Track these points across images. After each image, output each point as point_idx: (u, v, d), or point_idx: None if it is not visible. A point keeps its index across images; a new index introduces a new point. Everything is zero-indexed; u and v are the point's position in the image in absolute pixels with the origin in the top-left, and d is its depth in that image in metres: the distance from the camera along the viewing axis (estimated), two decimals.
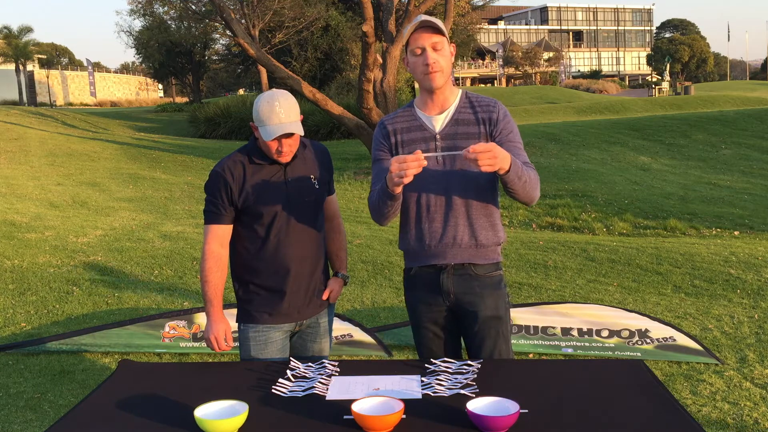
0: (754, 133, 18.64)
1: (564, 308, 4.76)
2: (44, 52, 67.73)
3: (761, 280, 6.43)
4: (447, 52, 2.47)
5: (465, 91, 2.57)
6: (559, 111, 30.37)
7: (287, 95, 2.48)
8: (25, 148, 16.40)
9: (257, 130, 2.51)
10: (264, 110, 2.44)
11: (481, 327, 2.51)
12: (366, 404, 1.91)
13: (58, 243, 7.75)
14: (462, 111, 2.51)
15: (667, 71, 55.18)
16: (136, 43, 38.34)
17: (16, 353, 4.79)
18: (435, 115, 2.52)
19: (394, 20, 14.28)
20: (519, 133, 2.53)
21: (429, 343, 2.59)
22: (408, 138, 2.52)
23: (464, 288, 2.51)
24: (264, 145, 2.52)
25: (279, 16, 27.96)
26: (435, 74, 2.43)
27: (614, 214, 10.22)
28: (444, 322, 2.57)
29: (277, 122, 2.43)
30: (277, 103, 2.43)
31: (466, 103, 2.53)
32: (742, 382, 4.18)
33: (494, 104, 2.52)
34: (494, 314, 2.51)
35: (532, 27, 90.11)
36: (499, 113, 2.49)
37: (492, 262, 2.54)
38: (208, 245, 2.57)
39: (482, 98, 2.55)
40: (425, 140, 2.50)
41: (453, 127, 2.49)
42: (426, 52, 2.42)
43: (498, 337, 2.52)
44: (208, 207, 2.56)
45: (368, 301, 5.95)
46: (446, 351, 2.60)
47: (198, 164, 15.97)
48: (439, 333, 2.58)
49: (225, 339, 2.60)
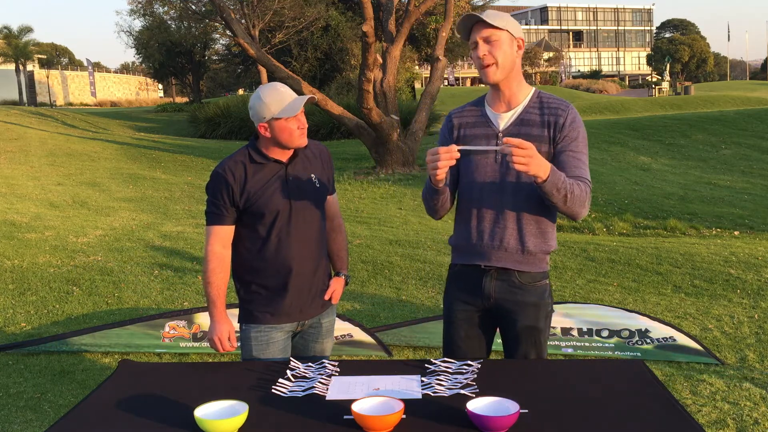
0: (754, 133, 18.64)
1: (564, 308, 4.76)
2: (44, 52, 67.72)
3: (761, 280, 6.42)
4: (506, 45, 2.35)
5: (538, 91, 2.47)
6: None
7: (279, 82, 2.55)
8: (25, 148, 16.40)
9: (268, 129, 2.49)
10: (273, 96, 2.45)
11: (518, 334, 2.46)
12: (366, 404, 1.91)
13: (58, 243, 7.75)
14: (530, 111, 2.42)
15: (667, 71, 55.17)
16: (136, 43, 38.33)
17: (16, 353, 4.79)
18: (502, 112, 2.44)
19: (394, 20, 14.28)
20: (586, 143, 2.42)
21: (459, 341, 2.53)
22: (471, 133, 2.47)
23: (506, 294, 2.45)
24: (284, 134, 2.48)
25: (279, 16, 27.96)
26: (488, 68, 2.35)
27: (614, 214, 10.22)
28: (479, 322, 2.52)
29: (291, 99, 2.46)
30: (278, 85, 2.48)
31: (535, 103, 2.43)
32: (742, 382, 4.18)
33: (564, 108, 2.40)
34: (533, 324, 2.44)
35: (532, 27, 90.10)
36: (567, 118, 2.38)
37: (538, 271, 2.45)
38: (210, 246, 2.56)
39: (554, 100, 2.43)
40: (488, 137, 2.44)
41: (517, 126, 2.40)
42: (478, 46, 2.35)
43: (532, 345, 2.46)
44: (210, 208, 2.56)
45: (368, 301, 5.95)
46: (473, 351, 2.53)
47: (198, 164, 15.97)
48: (471, 333, 2.52)
49: (229, 339, 2.59)
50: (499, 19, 2.34)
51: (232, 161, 2.54)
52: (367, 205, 11.17)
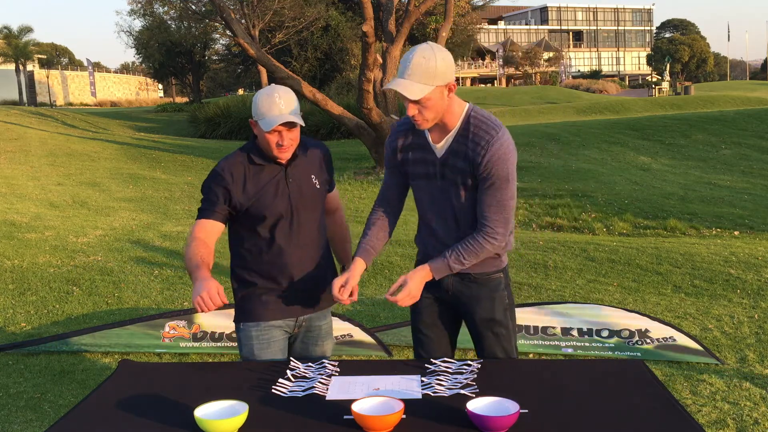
0: (754, 133, 18.64)
1: (564, 308, 4.76)
2: (44, 52, 67.72)
3: (761, 280, 6.42)
4: (436, 100, 2.29)
5: (469, 113, 2.37)
6: (559, 111, 30.37)
7: (286, 89, 2.46)
8: (25, 148, 16.40)
9: (256, 126, 2.49)
10: (264, 102, 2.43)
11: (479, 328, 2.55)
12: (366, 404, 1.91)
13: (58, 243, 7.75)
14: (459, 140, 2.37)
15: (667, 71, 55.16)
16: (136, 43, 38.36)
17: (16, 353, 4.79)
18: (436, 140, 2.43)
19: (394, 20, 14.28)
20: (507, 175, 2.33)
21: (424, 328, 2.63)
22: (414, 157, 2.48)
23: (461, 287, 2.54)
24: (264, 142, 2.48)
25: (279, 16, 27.97)
26: (420, 124, 2.34)
27: (614, 214, 10.22)
28: (441, 311, 2.62)
29: (277, 113, 2.42)
30: (276, 94, 2.43)
31: (465, 130, 2.36)
32: (742, 382, 4.18)
33: (486, 143, 2.32)
34: (490, 316, 2.53)
35: (532, 27, 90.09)
36: (485, 156, 2.30)
37: (492, 269, 2.53)
38: (193, 234, 2.49)
39: (480, 128, 2.34)
40: (427, 163, 2.45)
41: (449, 156, 2.40)
42: (408, 104, 2.31)
43: (495, 338, 2.54)
44: (202, 204, 2.53)
45: (368, 301, 5.95)
46: (438, 339, 2.63)
47: (198, 164, 15.97)
48: (435, 321, 2.62)
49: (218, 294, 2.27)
50: (427, 79, 2.23)
51: (232, 161, 2.52)
52: (367, 205, 11.17)
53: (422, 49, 2.25)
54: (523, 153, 15.44)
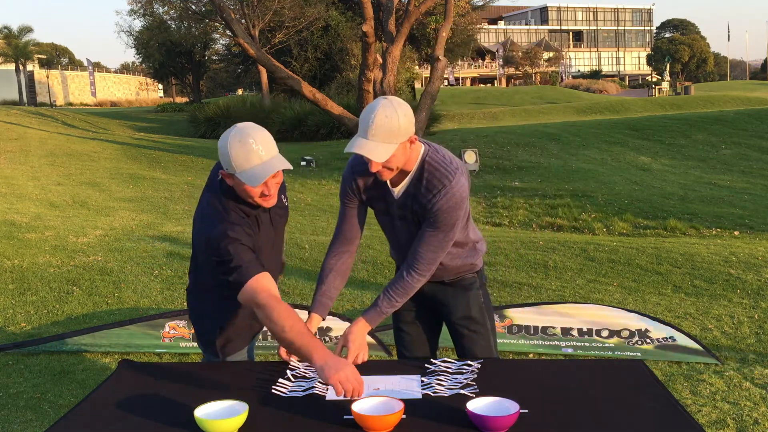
0: (754, 133, 18.64)
1: (564, 308, 4.76)
2: (44, 52, 67.70)
3: (761, 280, 6.42)
4: (398, 156, 2.25)
5: (424, 159, 2.34)
6: (559, 111, 30.37)
7: (258, 128, 2.17)
8: (25, 148, 16.40)
9: (231, 178, 2.20)
10: (239, 153, 2.12)
11: (457, 327, 2.60)
12: (366, 404, 1.91)
13: (58, 243, 7.75)
14: (414, 183, 2.35)
15: (667, 71, 55.17)
16: (136, 43, 38.35)
17: (16, 353, 4.79)
18: (394, 184, 2.41)
19: (394, 20, 14.28)
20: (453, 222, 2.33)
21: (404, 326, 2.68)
22: (373, 195, 2.46)
23: (435, 289, 2.60)
24: (244, 193, 2.22)
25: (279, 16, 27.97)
26: (382, 175, 2.30)
27: (614, 214, 10.22)
28: (420, 310, 2.67)
29: (259, 162, 2.14)
30: (251, 140, 2.12)
31: (419, 175, 2.34)
32: (742, 382, 4.18)
33: (437, 192, 2.31)
34: (466, 314, 2.58)
35: (532, 27, 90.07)
36: (434, 206, 2.31)
37: (464, 271, 2.59)
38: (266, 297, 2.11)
39: (433, 177, 2.32)
40: (387, 203, 2.45)
41: (406, 199, 2.40)
42: (371, 163, 2.25)
43: (474, 336, 2.58)
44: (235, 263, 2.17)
45: (368, 301, 5.95)
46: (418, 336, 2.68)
47: (198, 164, 15.97)
48: (415, 318, 2.67)
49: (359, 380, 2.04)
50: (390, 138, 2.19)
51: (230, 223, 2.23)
52: None
53: (383, 106, 2.19)
54: (523, 153, 15.44)
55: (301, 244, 8.02)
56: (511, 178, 12.92)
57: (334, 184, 13.48)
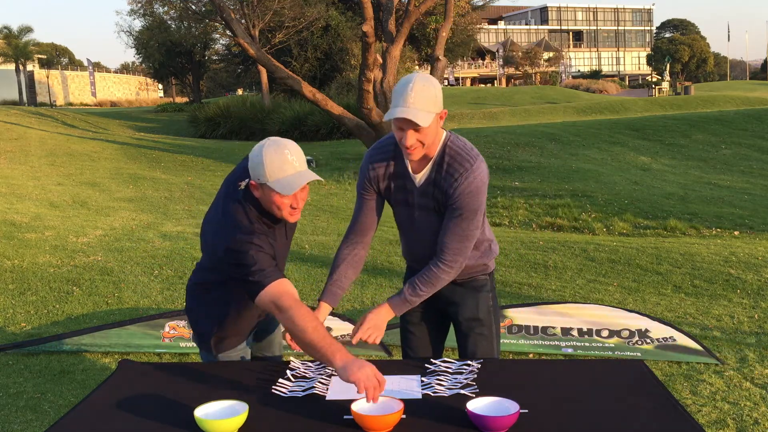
0: (754, 133, 18.65)
1: (564, 308, 4.76)
2: (44, 52, 67.71)
3: (761, 280, 6.42)
4: (433, 127, 2.28)
5: (446, 144, 2.37)
6: (559, 111, 30.37)
7: (291, 141, 2.22)
8: (25, 148, 16.40)
9: (257, 189, 2.21)
10: (274, 161, 2.14)
11: (462, 327, 2.60)
12: (366, 404, 1.91)
13: (58, 243, 7.75)
14: (436, 169, 2.37)
15: (667, 71, 55.16)
16: (136, 43, 38.36)
17: (16, 353, 4.79)
18: (416, 170, 2.42)
19: (394, 20, 14.28)
20: (476, 207, 2.33)
21: (411, 327, 2.68)
22: (394, 185, 2.47)
23: (445, 289, 2.59)
24: (272, 206, 2.22)
25: (279, 16, 27.97)
26: (413, 152, 2.30)
27: (614, 214, 10.22)
28: (429, 310, 2.66)
29: (293, 172, 2.15)
30: (287, 151, 2.16)
31: (441, 159, 2.36)
32: (742, 382, 4.18)
33: (458, 176, 2.32)
34: (473, 316, 2.58)
35: (532, 27, 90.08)
36: (456, 189, 2.32)
37: (476, 272, 2.59)
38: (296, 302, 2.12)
39: (454, 161, 2.34)
40: (406, 191, 2.45)
41: (428, 186, 2.40)
42: (406, 134, 2.26)
43: (478, 338, 2.58)
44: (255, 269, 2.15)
45: (368, 301, 5.95)
46: (425, 337, 2.68)
47: (198, 164, 15.97)
48: (423, 319, 2.67)
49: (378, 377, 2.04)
50: (429, 106, 2.23)
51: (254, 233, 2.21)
52: None
53: (419, 77, 2.25)
54: (523, 153, 15.44)
55: (301, 244, 8.03)
56: (511, 178, 12.93)
57: (333, 184, 13.47)
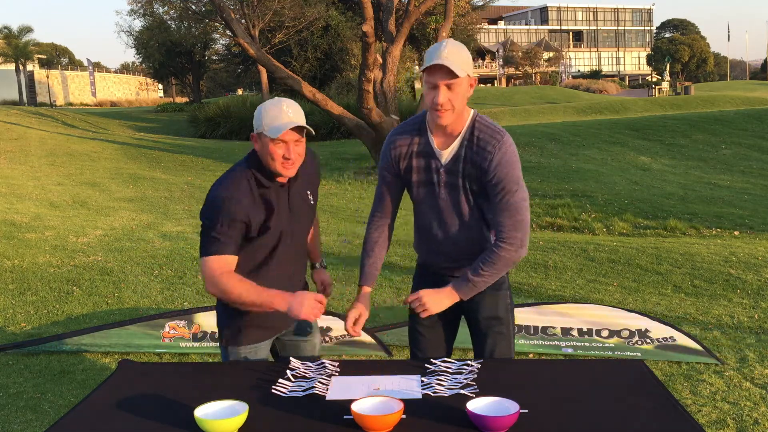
0: (754, 133, 18.64)
1: (564, 308, 4.76)
2: (44, 52, 67.71)
3: (761, 280, 6.42)
4: (463, 89, 2.31)
5: (474, 120, 2.40)
6: (559, 111, 30.37)
7: (293, 101, 2.36)
8: (25, 148, 16.41)
9: (259, 140, 2.34)
10: (269, 111, 2.30)
11: (481, 326, 2.56)
12: (366, 404, 1.91)
13: (58, 243, 7.75)
14: (465, 145, 2.38)
15: (667, 71, 55.17)
16: (136, 43, 38.37)
17: (16, 353, 4.79)
18: (442, 146, 2.42)
19: (394, 20, 14.28)
20: (515, 177, 2.34)
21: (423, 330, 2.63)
22: (416, 164, 2.46)
23: None
24: (267, 157, 2.31)
25: (279, 16, 27.98)
26: (443, 113, 2.31)
27: (614, 214, 10.22)
28: (442, 313, 2.60)
29: (287, 120, 2.29)
30: (284, 104, 2.31)
31: (470, 136, 2.38)
32: (742, 382, 4.18)
33: (492, 147, 2.34)
34: (493, 315, 2.55)
35: (532, 27, 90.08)
36: (492, 161, 2.33)
37: None
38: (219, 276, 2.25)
39: (485, 134, 2.37)
40: (430, 170, 2.44)
41: (456, 163, 2.40)
42: (438, 90, 2.28)
43: (497, 337, 2.55)
44: (212, 234, 2.27)
45: None
46: (436, 341, 2.63)
47: (198, 164, 15.97)
48: (435, 323, 2.62)
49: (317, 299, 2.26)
50: (462, 64, 2.27)
51: (235, 186, 2.31)
52: (367, 205, 11.16)
53: (451, 41, 2.31)
54: (523, 153, 15.44)
55: None
56: None
57: (334, 183, 13.47)
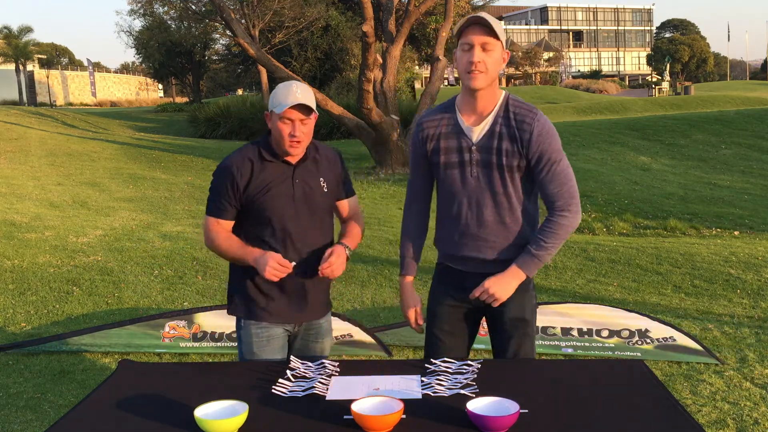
0: (754, 133, 18.64)
1: (564, 308, 4.76)
2: (44, 52, 67.71)
3: (761, 280, 6.42)
4: (498, 55, 2.35)
5: (507, 97, 2.43)
6: (559, 111, 30.37)
7: (306, 85, 2.49)
8: (25, 148, 16.40)
9: (270, 118, 2.49)
10: (281, 91, 2.45)
11: (508, 327, 2.50)
12: (366, 404, 1.91)
13: (58, 243, 7.75)
14: (499, 122, 2.38)
15: (667, 71, 55.17)
16: (136, 43, 38.37)
17: (16, 353, 4.79)
18: (473, 124, 2.41)
19: (394, 20, 14.28)
20: (558, 147, 2.37)
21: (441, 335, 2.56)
22: (444, 145, 2.45)
23: None
24: (277, 133, 2.46)
25: (279, 16, 27.98)
26: (477, 74, 2.32)
27: (614, 214, 10.22)
28: (463, 317, 2.56)
29: (294, 99, 2.41)
30: (294, 85, 2.44)
31: (504, 113, 2.39)
32: (742, 382, 4.18)
33: (530, 119, 2.35)
34: (520, 315, 2.49)
35: (532, 27, 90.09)
36: (533, 132, 2.34)
37: None
38: (212, 232, 2.52)
39: (520, 108, 2.39)
40: (461, 150, 2.42)
41: (489, 139, 2.38)
42: (474, 49, 2.32)
43: (523, 338, 2.50)
44: (212, 197, 2.53)
45: (368, 301, 5.95)
46: (455, 346, 2.56)
47: (198, 164, 15.97)
48: (455, 328, 2.56)
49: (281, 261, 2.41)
50: (498, 28, 2.35)
51: (240, 156, 2.50)
52: (367, 205, 11.16)
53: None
54: None
55: None
56: None
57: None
